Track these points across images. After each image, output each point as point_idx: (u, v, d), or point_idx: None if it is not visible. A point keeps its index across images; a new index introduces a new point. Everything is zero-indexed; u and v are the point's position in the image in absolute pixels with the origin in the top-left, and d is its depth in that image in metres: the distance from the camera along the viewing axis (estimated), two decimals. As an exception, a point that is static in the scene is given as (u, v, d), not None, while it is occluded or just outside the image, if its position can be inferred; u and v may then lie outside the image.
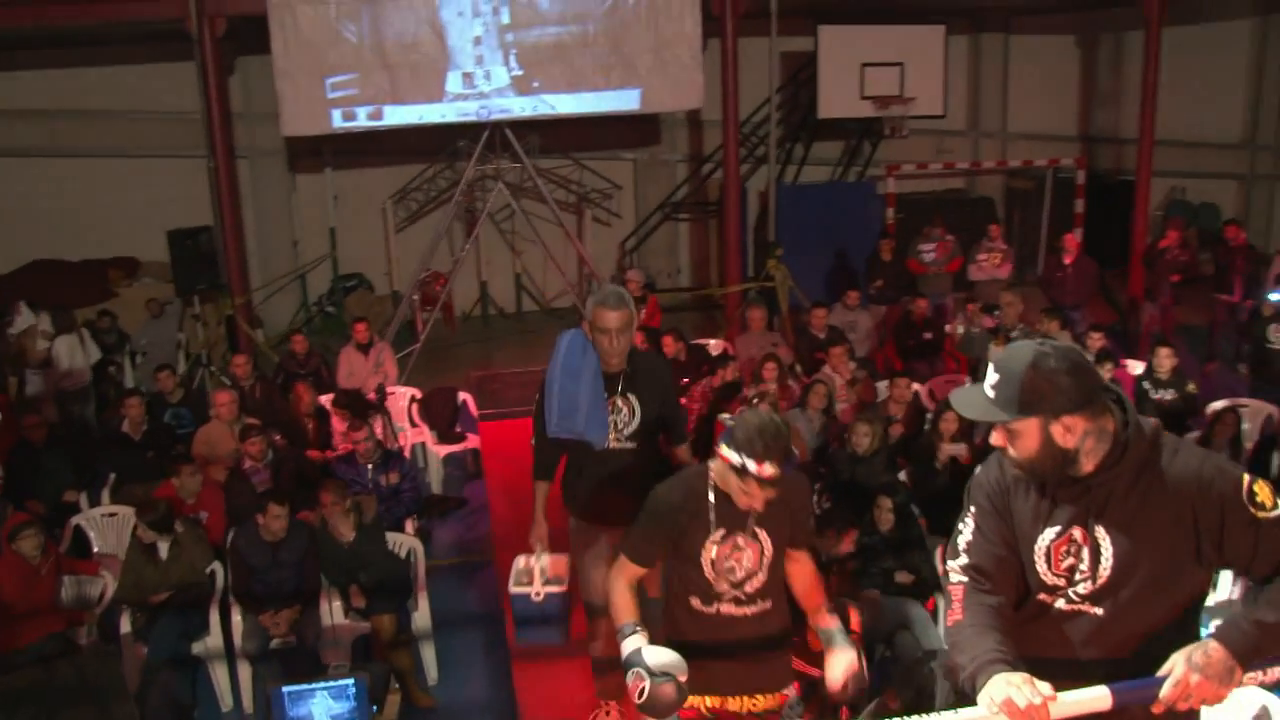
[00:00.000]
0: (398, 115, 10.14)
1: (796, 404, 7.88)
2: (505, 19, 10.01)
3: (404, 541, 6.49)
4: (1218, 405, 8.04)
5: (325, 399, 8.36)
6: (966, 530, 2.67)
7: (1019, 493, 2.60)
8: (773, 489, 3.22)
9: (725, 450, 3.24)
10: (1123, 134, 14.90)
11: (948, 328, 10.37)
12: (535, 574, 4.64)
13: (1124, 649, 2.50)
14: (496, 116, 10.33)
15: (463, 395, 9.08)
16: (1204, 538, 2.41)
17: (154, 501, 6.19)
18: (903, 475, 7.10)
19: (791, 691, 3.58)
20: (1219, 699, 2.34)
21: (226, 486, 6.97)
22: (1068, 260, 10.81)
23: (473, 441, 8.83)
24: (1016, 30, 14.63)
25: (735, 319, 11.58)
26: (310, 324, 13.06)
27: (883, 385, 8.63)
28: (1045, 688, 2.31)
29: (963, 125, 14.78)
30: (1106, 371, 7.87)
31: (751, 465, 3.15)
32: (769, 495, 3.25)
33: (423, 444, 8.76)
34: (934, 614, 5.80)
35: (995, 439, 2.53)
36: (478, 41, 10.00)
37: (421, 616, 6.07)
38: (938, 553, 5.95)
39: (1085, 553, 2.50)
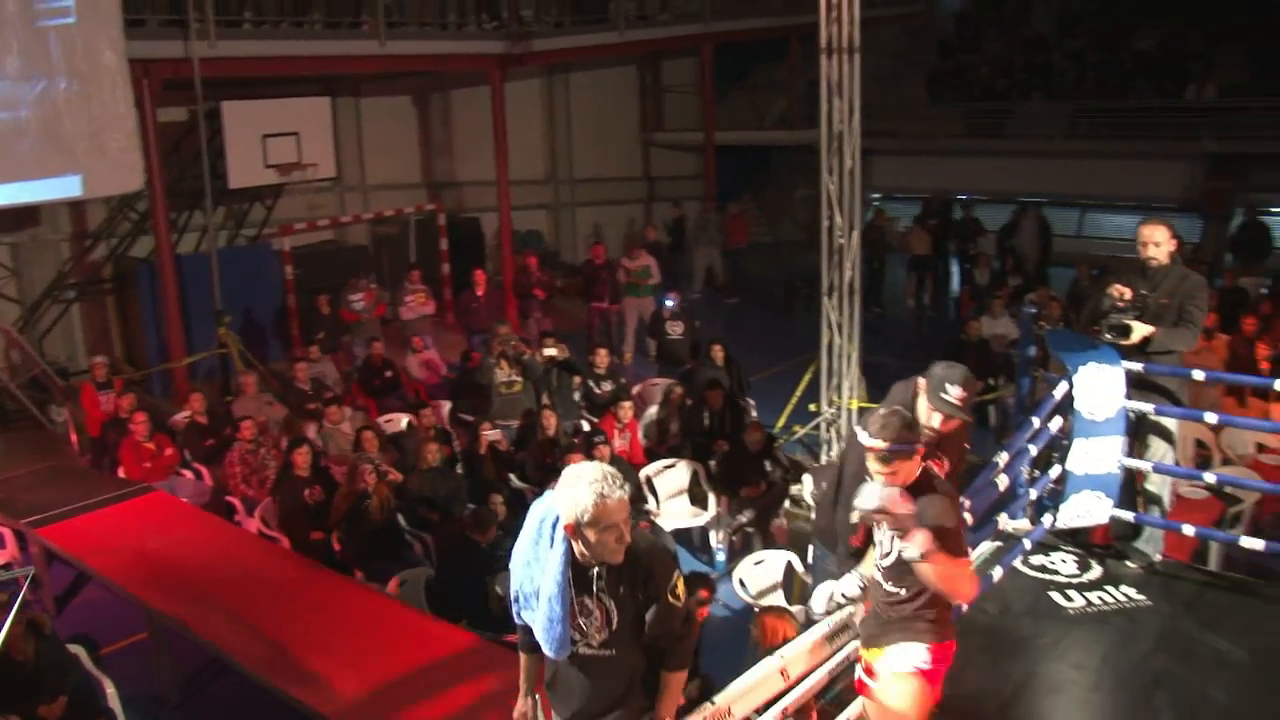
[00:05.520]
0: None
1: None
2: (-71, 109, 9.44)
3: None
4: (640, 387, 10.78)
5: None
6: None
7: None
8: None
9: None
10: (459, 178, 17.44)
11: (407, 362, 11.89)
12: None
13: None
14: (-72, 213, 9.67)
15: (-23, 512, 8.64)
16: None
17: None
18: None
19: None
20: None
21: None
22: (480, 292, 12.85)
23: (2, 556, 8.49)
24: (364, 94, 16.38)
25: (185, 390, 11.84)
26: None
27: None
28: None
29: (328, 182, 16.13)
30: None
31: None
32: None
33: (-49, 568, 8.24)
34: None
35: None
36: (-102, 133, 9.31)
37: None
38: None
39: None
